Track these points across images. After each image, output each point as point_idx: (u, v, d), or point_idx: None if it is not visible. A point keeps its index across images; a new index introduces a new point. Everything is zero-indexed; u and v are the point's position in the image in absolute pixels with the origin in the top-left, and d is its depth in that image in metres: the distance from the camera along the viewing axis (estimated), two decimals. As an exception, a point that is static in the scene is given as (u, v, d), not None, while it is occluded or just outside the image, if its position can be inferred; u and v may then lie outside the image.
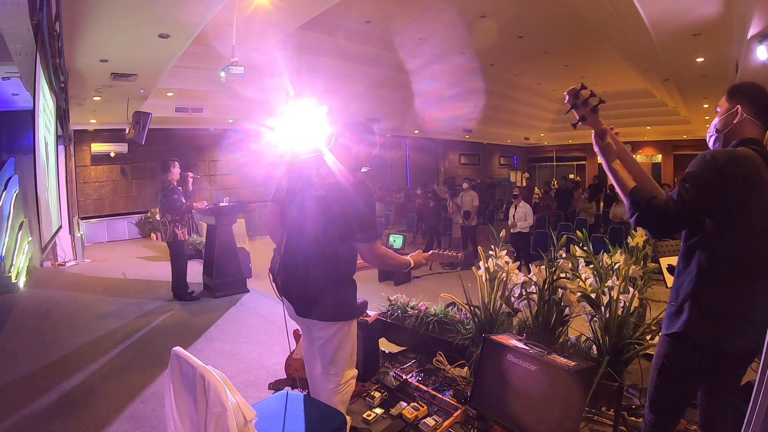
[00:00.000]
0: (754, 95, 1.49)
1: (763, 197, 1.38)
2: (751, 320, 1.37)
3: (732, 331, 1.39)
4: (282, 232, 1.95)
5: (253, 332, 4.16)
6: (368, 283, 5.72)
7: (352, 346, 1.99)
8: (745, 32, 4.46)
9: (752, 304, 1.38)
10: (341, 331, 1.91)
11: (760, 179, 1.38)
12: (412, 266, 2.01)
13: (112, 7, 3.75)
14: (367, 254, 1.87)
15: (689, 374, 1.47)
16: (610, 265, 2.38)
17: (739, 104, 1.49)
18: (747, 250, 1.38)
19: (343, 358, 1.95)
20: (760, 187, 1.37)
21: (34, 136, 3.64)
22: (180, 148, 11.09)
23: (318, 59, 8.06)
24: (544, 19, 8.01)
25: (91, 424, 2.62)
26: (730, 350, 1.42)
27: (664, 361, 1.49)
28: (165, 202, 5.10)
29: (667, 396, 1.52)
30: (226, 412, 1.23)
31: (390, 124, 13.29)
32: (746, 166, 1.37)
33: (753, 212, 1.37)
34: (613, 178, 1.52)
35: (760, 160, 1.41)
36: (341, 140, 1.96)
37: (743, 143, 1.45)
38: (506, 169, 22.66)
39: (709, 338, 1.40)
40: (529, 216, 6.94)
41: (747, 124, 1.47)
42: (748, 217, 1.37)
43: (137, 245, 9.85)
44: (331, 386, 1.96)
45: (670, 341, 1.47)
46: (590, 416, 2.17)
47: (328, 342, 1.92)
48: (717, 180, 1.35)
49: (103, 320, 4.58)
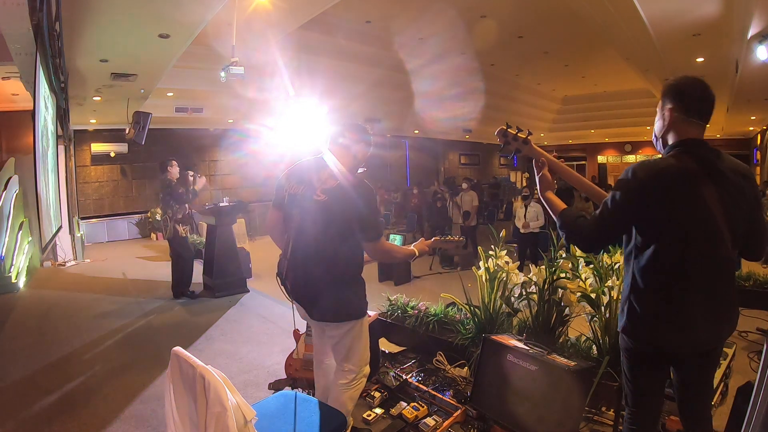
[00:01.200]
0: (682, 93, 1.43)
1: (692, 205, 1.35)
2: (687, 325, 1.38)
3: (667, 336, 1.40)
4: (287, 237, 1.97)
5: (253, 332, 4.16)
6: (368, 283, 5.66)
7: (365, 343, 2.02)
8: (745, 32, 4.46)
9: (685, 310, 1.37)
10: (353, 330, 1.93)
11: (686, 189, 1.35)
12: (417, 255, 2.05)
13: (112, 7, 3.75)
14: (372, 252, 1.92)
15: (643, 367, 1.51)
16: (610, 265, 2.39)
17: (668, 105, 1.44)
18: (676, 258, 1.37)
19: (358, 355, 1.98)
20: (688, 197, 1.35)
21: (34, 136, 3.64)
22: (180, 148, 11.08)
23: (318, 59, 8.05)
24: (544, 19, 8.00)
25: (91, 424, 2.62)
26: (671, 351, 1.45)
27: (622, 354, 1.55)
28: (167, 197, 5.09)
29: (634, 388, 1.54)
30: (226, 412, 1.23)
31: (390, 124, 13.29)
32: (669, 178, 1.36)
33: (679, 223, 1.35)
34: (547, 204, 1.64)
35: (693, 165, 1.37)
36: (341, 140, 1.97)
37: (678, 145, 1.42)
38: (506, 169, 22.66)
39: (646, 340, 1.45)
40: (540, 216, 6.96)
41: (680, 125, 1.43)
42: (673, 227, 1.36)
43: (137, 245, 9.85)
44: (345, 381, 1.97)
45: (621, 336, 1.53)
46: (590, 416, 2.17)
47: (340, 341, 1.95)
48: (636, 196, 1.37)
49: (103, 320, 4.58)
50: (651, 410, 1.55)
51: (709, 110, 1.43)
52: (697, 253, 1.35)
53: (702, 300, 1.37)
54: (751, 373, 1.82)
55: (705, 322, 1.37)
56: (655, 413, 1.56)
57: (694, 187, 1.35)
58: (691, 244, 1.35)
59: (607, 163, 20.59)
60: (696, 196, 1.35)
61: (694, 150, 1.39)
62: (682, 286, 1.37)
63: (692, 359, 1.47)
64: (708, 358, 1.48)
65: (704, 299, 1.37)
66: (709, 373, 1.50)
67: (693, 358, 1.46)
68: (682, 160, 1.38)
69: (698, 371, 1.49)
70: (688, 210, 1.35)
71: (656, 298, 1.40)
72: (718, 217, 1.34)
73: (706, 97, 1.43)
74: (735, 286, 1.46)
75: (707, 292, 1.37)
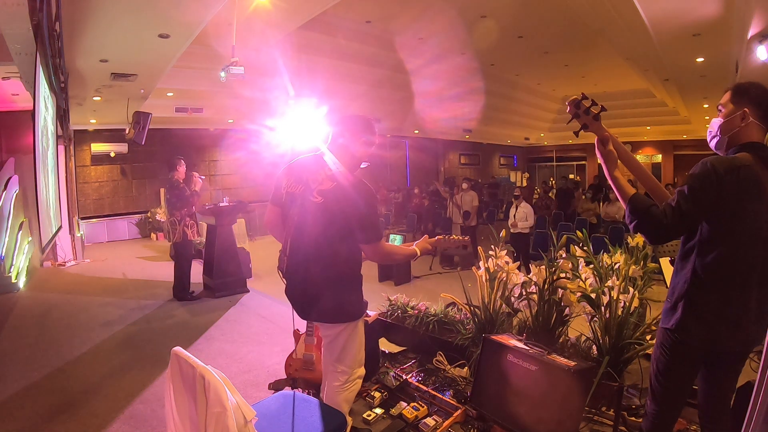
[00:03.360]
0: (761, 98, 1.47)
1: (761, 204, 1.39)
2: (741, 324, 1.41)
3: (722, 333, 1.42)
4: (286, 234, 1.94)
5: (253, 332, 4.16)
6: (368, 283, 5.66)
7: (360, 345, 1.97)
8: (745, 32, 4.46)
9: (743, 308, 1.40)
10: (345, 332, 1.90)
11: (757, 188, 1.39)
12: (419, 255, 2.00)
13: (112, 7, 3.75)
14: (372, 254, 1.87)
15: (684, 365, 1.51)
16: (610, 265, 2.38)
17: (746, 107, 1.47)
18: (740, 256, 1.40)
19: (350, 357, 1.94)
20: (758, 196, 1.39)
21: (34, 136, 3.64)
22: (180, 148, 11.07)
23: (318, 59, 8.05)
24: (544, 19, 8.00)
25: (91, 424, 2.62)
26: (720, 349, 1.46)
27: (661, 352, 1.54)
28: (173, 199, 5.08)
29: (666, 386, 1.55)
30: (226, 412, 1.23)
31: (390, 124, 13.28)
32: (745, 176, 1.38)
33: (748, 221, 1.39)
34: (614, 185, 1.56)
35: (760, 165, 1.41)
36: (340, 140, 1.93)
37: (745, 147, 1.45)
38: (506, 169, 22.65)
39: (700, 338, 1.45)
40: (530, 216, 6.94)
41: (752, 128, 1.47)
42: (742, 225, 1.39)
43: (137, 245, 9.85)
44: (337, 383, 1.95)
45: (665, 333, 1.52)
46: (590, 416, 2.17)
47: (333, 341, 1.92)
48: (715, 190, 1.38)
49: (103, 320, 4.58)
50: (677, 409, 1.56)
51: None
52: (760, 253, 1.39)
53: (758, 300, 1.40)
54: (751, 373, 1.82)
55: (758, 321, 1.40)
56: (679, 412, 1.58)
57: (764, 188, 1.39)
58: (757, 244, 1.39)
59: (607, 163, 20.57)
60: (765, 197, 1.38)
61: (762, 152, 1.43)
62: (743, 285, 1.40)
63: (730, 359, 1.49)
64: (742, 358, 1.51)
65: (760, 299, 1.40)
66: (737, 373, 1.53)
67: (732, 357, 1.49)
68: (753, 160, 1.41)
69: (729, 372, 1.51)
70: (758, 209, 1.38)
71: (719, 295, 1.42)
72: None
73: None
74: None
75: (764, 293, 1.40)
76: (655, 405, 1.57)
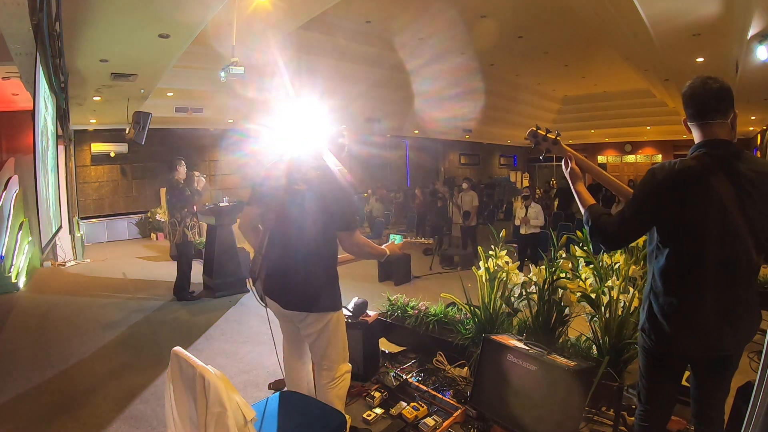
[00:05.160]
0: (689, 99, 1.46)
1: (707, 206, 1.35)
2: (697, 327, 1.38)
3: (677, 336, 1.41)
4: (262, 233, 1.99)
5: (253, 332, 4.15)
6: (368, 283, 5.71)
7: (343, 339, 2.02)
8: (745, 32, 4.46)
9: (699, 311, 1.38)
10: (331, 323, 1.94)
11: (701, 189, 1.36)
12: (387, 255, 2.07)
13: (112, 7, 3.75)
14: (347, 242, 1.93)
15: (656, 367, 1.53)
16: (610, 265, 2.39)
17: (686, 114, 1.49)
18: (689, 258, 1.39)
19: (336, 352, 1.98)
20: (702, 198, 1.36)
21: (34, 136, 3.64)
22: (180, 148, 11.05)
23: (318, 59, 8.05)
24: (544, 19, 8.01)
25: (91, 424, 2.62)
26: (682, 353, 1.46)
27: (642, 352, 1.57)
28: (174, 200, 5.08)
29: (647, 386, 1.57)
30: (226, 412, 1.23)
31: (390, 124, 13.28)
32: (684, 179, 1.38)
33: (693, 223, 1.37)
34: (577, 198, 1.68)
35: (710, 166, 1.37)
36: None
37: (700, 146, 1.44)
38: (506, 169, 22.65)
39: (658, 340, 1.47)
40: (540, 215, 6.98)
41: (696, 129, 1.46)
42: (687, 228, 1.38)
43: (137, 245, 9.84)
44: (325, 381, 1.98)
45: (641, 334, 1.56)
46: (590, 416, 2.17)
47: (319, 337, 1.94)
48: (654, 196, 1.41)
49: (103, 320, 4.58)
50: (662, 409, 1.56)
51: (715, 105, 1.41)
52: (713, 254, 1.36)
53: (716, 303, 1.36)
54: (751, 373, 1.82)
55: (719, 325, 1.37)
56: (665, 413, 1.58)
57: (709, 188, 1.35)
58: (706, 246, 1.36)
59: (607, 163, 20.57)
60: (711, 198, 1.35)
61: (713, 151, 1.40)
62: (697, 288, 1.38)
63: (708, 363, 1.47)
64: (725, 363, 1.46)
65: (718, 302, 1.36)
66: (725, 378, 1.50)
67: (708, 361, 1.46)
68: (700, 160, 1.39)
69: (713, 376, 1.49)
70: (703, 211, 1.36)
71: (671, 298, 1.41)
72: (736, 218, 1.33)
73: (707, 92, 1.42)
74: (755, 290, 1.43)
75: (722, 295, 1.36)
76: (641, 404, 1.60)
